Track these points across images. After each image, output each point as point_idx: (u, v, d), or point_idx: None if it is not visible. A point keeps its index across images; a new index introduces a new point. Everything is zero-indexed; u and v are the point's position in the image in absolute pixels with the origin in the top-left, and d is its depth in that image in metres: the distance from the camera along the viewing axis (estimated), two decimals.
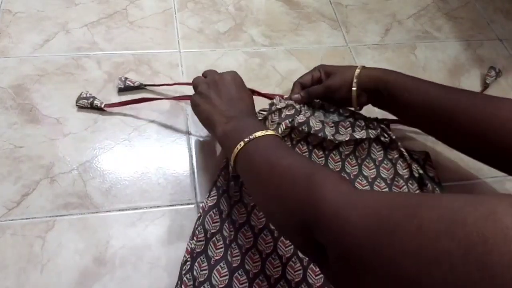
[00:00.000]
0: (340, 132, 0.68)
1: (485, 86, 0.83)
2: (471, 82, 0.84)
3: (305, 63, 0.82)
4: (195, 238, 0.56)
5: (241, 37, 0.85)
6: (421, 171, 0.65)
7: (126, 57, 0.78)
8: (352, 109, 0.69)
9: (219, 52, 0.82)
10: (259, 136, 0.51)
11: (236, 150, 0.51)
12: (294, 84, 0.71)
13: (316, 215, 0.39)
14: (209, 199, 0.60)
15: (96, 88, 0.73)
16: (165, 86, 0.73)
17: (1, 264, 0.54)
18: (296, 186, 0.43)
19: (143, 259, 0.56)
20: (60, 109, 0.69)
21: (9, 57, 0.75)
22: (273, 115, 0.65)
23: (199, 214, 0.58)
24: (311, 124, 0.66)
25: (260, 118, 0.65)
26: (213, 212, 0.59)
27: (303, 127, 0.65)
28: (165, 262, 0.57)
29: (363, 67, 0.66)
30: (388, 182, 0.65)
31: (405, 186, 0.64)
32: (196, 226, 0.57)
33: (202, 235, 0.57)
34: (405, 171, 0.65)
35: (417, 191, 0.64)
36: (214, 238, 0.57)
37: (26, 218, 0.58)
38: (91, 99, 0.69)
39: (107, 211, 0.60)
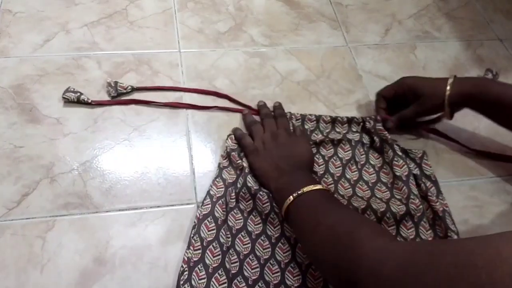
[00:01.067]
0: (337, 130, 0.70)
1: None
2: None
3: (305, 63, 0.82)
4: (191, 248, 0.56)
5: (241, 37, 0.85)
6: (416, 172, 0.66)
7: (126, 57, 0.78)
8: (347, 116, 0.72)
9: (219, 52, 0.82)
10: (306, 192, 0.54)
11: (285, 205, 0.55)
12: (378, 98, 0.72)
13: (356, 274, 0.43)
14: (203, 207, 0.59)
15: (96, 88, 0.73)
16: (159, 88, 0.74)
17: (1, 264, 0.54)
18: (337, 247, 0.47)
19: (143, 259, 0.56)
20: (60, 109, 0.69)
21: (9, 57, 0.75)
22: None
23: (193, 224, 0.58)
24: (306, 126, 0.68)
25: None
26: (208, 220, 0.58)
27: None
28: (165, 262, 0.57)
29: (453, 84, 0.65)
30: (389, 186, 0.65)
31: (404, 188, 0.64)
32: (192, 235, 0.57)
33: (199, 243, 0.56)
34: (402, 169, 0.65)
35: (417, 190, 0.64)
36: (211, 246, 0.56)
37: (26, 218, 0.58)
38: (78, 94, 0.69)
39: (107, 211, 0.60)
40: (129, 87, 0.72)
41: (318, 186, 0.55)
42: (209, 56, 0.81)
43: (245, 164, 0.63)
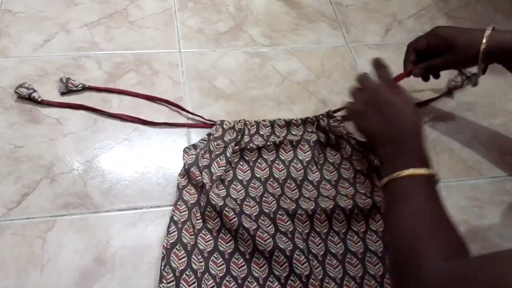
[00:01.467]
0: (292, 132, 0.70)
1: (449, 90, 0.79)
2: None
3: (306, 63, 0.82)
4: (164, 281, 0.53)
5: (241, 37, 0.85)
6: (376, 163, 0.66)
7: (126, 57, 0.78)
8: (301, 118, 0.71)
9: (219, 52, 0.82)
10: (402, 176, 0.51)
11: (384, 181, 0.53)
12: (408, 48, 0.68)
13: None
14: (169, 236, 0.57)
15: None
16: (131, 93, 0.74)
17: (1, 264, 0.54)
18: (398, 254, 0.47)
19: (143, 259, 0.56)
20: (60, 109, 0.69)
21: (9, 57, 0.75)
22: (215, 142, 0.66)
23: (162, 255, 0.55)
24: (256, 142, 0.67)
25: (201, 145, 0.66)
26: (176, 248, 0.56)
27: (251, 145, 0.66)
28: None
29: (490, 37, 0.60)
30: (351, 181, 0.66)
31: (367, 181, 0.64)
32: (162, 267, 0.54)
33: (171, 275, 0.54)
34: (362, 163, 0.66)
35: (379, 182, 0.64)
36: (184, 275, 0.54)
37: (26, 218, 0.58)
38: (31, 91, 0.68)
39: (107, 211, 0.60)
40: (80, 85, 0.71)
41: (420, 171, 0.51)
42: (209, 56, 0.81)
43: (205, 180, 0.61)
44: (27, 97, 0.68)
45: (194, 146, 0.66)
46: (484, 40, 0.60)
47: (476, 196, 0.68)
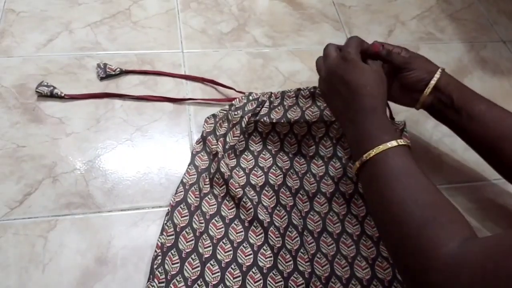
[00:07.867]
0: (317, 103, 0.68)
1: None
2: (474, 85, 0.84)
3: (308, 64, 0.82)
4: (164, 233, 0.57)
5: (244, 37, 0.85)
6: None
7: (129, 57, 0.78)
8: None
9: (222, 53, 0.82)
10: (377, 153, 0.47)
11: (356, 167, 0.49)
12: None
13: (423, 277, 0.38)
14: (176, 195, 0.60)
15: (99, 88, 0.73)
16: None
17: (3, 264, 0.54)
18: (405, 236, 0.41)
19: (145, 260, 0.56)
20: (63, 108, 0.69)
21: (12, 57, 0.75)
22: (234, 112, 0.67)
23: (167, 211, 0.59)
24: (271, 116, 0.66)
25: (220, 115, 0.68)
26: (180, 207, 0.59)
27: (265, 118, 0.66)
28: None
29: (444, 72, 0.60)
30: (343, 162, 0.66)
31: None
32: (165, 221, 0.58)
33: (172, 229, 0.57)
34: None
35: None
36: (184, 232, 0.57)
37: (28, 218, 0.58)
38: (52, 88, 0.69)
39: (109, 211, 0.60)
40: (118, 69, 0.73)
41: (392, 144, 0.46)
42: (212, 56, 0.81)
43: (219, 149, 0.63)
44: (49, 95, 0.69)
45: (214, 116, 0.69)
46: (439, 69, 0.59)
47: (480, 198, 0.68)
